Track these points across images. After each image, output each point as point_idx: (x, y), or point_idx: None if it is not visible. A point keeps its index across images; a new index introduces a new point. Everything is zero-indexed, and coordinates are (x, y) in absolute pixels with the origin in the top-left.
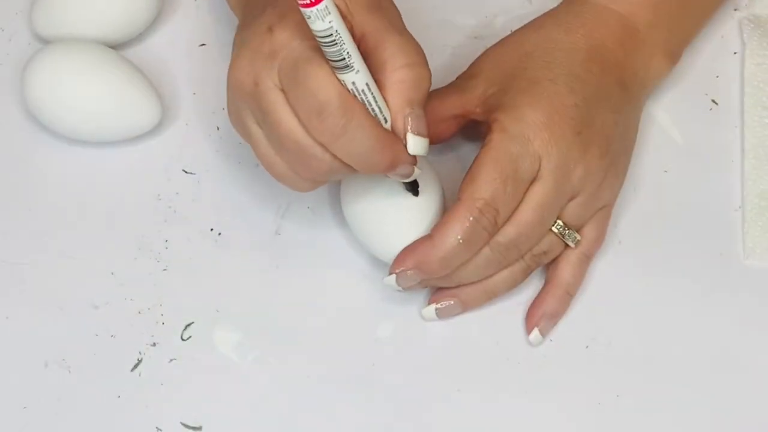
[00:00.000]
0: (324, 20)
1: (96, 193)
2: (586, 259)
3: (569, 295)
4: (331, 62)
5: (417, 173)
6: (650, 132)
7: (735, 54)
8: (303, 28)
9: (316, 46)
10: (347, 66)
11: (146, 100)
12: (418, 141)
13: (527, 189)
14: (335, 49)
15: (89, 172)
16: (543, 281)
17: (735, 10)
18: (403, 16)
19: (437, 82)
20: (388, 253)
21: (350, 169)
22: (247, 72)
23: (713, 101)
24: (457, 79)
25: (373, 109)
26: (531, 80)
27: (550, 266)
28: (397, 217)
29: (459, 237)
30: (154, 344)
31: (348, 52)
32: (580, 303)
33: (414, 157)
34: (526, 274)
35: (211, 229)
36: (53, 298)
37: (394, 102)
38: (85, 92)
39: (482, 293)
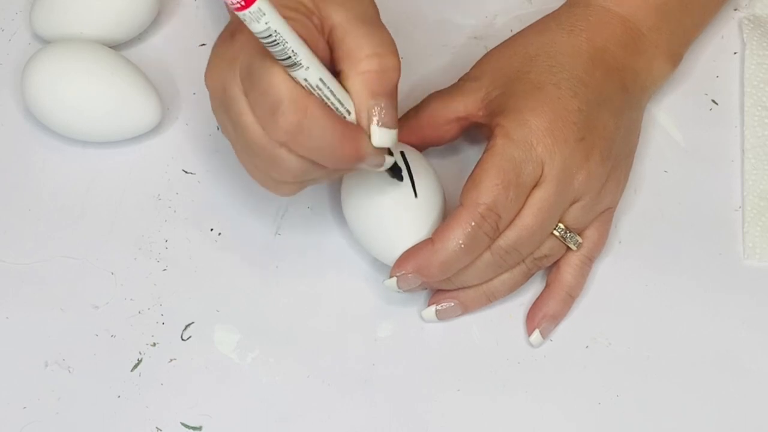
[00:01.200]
0: (259, 22)
1: (96, 193)
2: (588, 262)
3: (571, 298)
4: (279, 61)
5: (391, 160)
6: (650, 132)
7: (735, 54)
8: None
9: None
10: (295, 64)
11: (146, 100)
12: (383, 133)
13: (529, 194)
14: (278, 49)
15: (89, 172)
16: (544, 282)
17: (735, 10)
18: (403, 16)
19: (437, 83)
20: (389, 256)
21: (321, 166)
22: (216, 79)
23: (713, 101)
24: (459, 80)
25: (332, 104)
26: (534, 84)
27: (552, 268)
28: (397, 219)
29: (460, 242)
30: (154, 344)
31: (293, 50)
32: (581, 303)
33: (381, 148)
34: (527, 277)
35: (211, 229)
36: (53, 298)
37: (357, 94)
38: (85, 92)
39: (482, 295)
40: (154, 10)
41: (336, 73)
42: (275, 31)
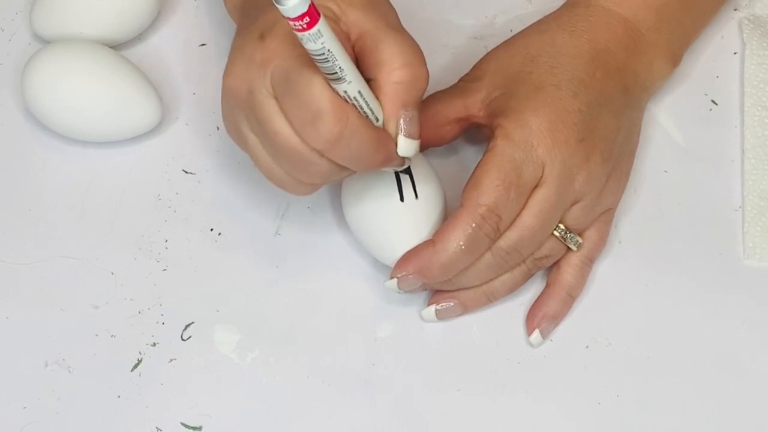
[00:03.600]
0: (316, 42)
1: (96, 193)
2: (589, 262)
3: (571, 298)
4: (323, 73)
5: (408, 162)
6: (650, 132)
7: (735, 54)
8: (294, 36)
9: (307, 53)
10: (339, 78)
11: (146, 100)
12: (409, 143)
13: (530, 195)
14: (328, 65)
15: (89, 172)
16: (544, 282)
17: (735, 10)
18: (403, 16)
19: (437, 83)
20: (390, 256)
21: (348, 170)
22: (241, 80)
23: (713, 101)
24: (459, 81)
25: (364, 111)
26: (535, 85)
27: (552, 269)
28: (398, 220)
29: (461, 243)
30: (154, 344)
31: (340, 67)
32: (581, 303)
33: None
34: (527, 277)
35: (211, 229)
36: (53, 298)
37: (389, 104)
38: (85, 92)
39: (482, 295)
40: (154, 10)
41: (365, 79)
42: (328, 50)
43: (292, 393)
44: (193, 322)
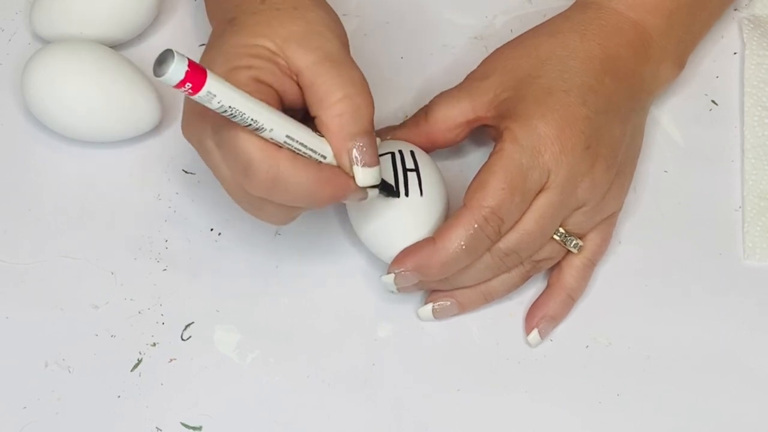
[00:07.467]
0: (212, 102)
1: (96, 193)
2: (591, 265)
3: (572, 300)
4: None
5: (374, 194)
6: (650, 132)
7: (735, 54)
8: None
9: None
10: (258, 128)
11: (146, 100)
12: (366, 172)
13: (533, 199)
14: (238, 120)
15: (89, 172)
16: (545, 282)
17: (735, 10)
18: (403, 17)
19: (437, 83)
20: (390, 253)
21: (303, 208)
22: (191, 131)
23: (713, 101)
24: (466, 79)
25: (304, 153)
26: (545, 90)
27: (554, 270)
28: (400, 218)
29: (462, 243)
30: (154, 344)
31: (252, 119)
32: (581, 303)
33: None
34: (525, 278)
35: (211, 229)
36: (53, 298)
37: (334, 139)
38: (85, 92)
39: (480, 295)
40: (154, 10)
41: (311, 117)
42: (229, 106)
43: (292, 393)
44: (193, 322)
